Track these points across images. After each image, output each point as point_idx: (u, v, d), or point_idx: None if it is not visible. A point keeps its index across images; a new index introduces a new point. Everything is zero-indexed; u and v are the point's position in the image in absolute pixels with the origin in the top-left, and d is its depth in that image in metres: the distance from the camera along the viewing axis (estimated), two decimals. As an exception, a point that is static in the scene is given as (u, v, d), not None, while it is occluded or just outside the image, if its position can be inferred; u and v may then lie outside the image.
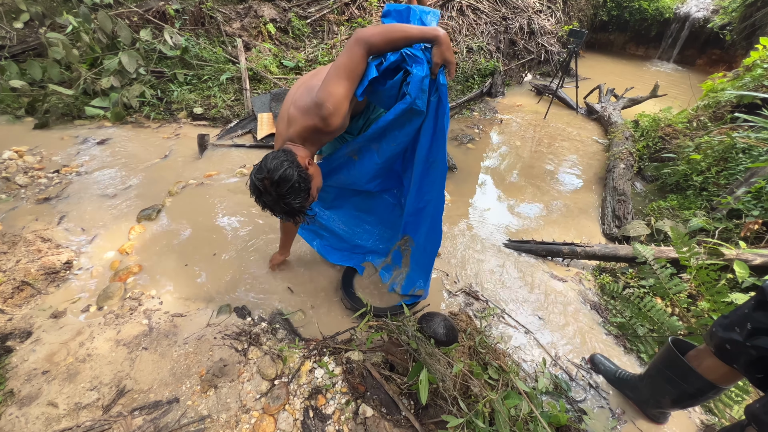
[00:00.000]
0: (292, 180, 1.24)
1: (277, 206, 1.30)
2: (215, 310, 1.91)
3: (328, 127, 1.30)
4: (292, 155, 1.30)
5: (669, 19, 7.46)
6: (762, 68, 3.35)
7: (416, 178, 1.59)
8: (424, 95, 1.33)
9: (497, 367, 1.56)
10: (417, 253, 1.90)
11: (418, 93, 1.30)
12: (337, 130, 1.37)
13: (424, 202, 1.67)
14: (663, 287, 1.99)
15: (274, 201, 1.28)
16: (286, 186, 1.24)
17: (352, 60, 1.24)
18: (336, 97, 1.25)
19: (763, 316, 1.02)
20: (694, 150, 3.11)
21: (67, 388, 1.51)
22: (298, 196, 1.28)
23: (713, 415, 1.62)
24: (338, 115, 1.27)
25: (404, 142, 1.51)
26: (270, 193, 1.26)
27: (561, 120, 4.79)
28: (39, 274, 1.99)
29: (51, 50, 3.62)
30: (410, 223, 1.80)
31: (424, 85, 1.30)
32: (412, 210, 1.73)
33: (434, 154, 1.51)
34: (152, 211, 2.52)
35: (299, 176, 1.26)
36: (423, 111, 1.36)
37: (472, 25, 5.85)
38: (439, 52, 1.25)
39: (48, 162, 3.03)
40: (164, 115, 3.91)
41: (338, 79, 1.25)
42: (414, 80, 1.28)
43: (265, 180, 1.25)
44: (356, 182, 1.75)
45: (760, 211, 2.35)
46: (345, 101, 1.27)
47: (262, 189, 1.26)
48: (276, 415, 1.48)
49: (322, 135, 1.37)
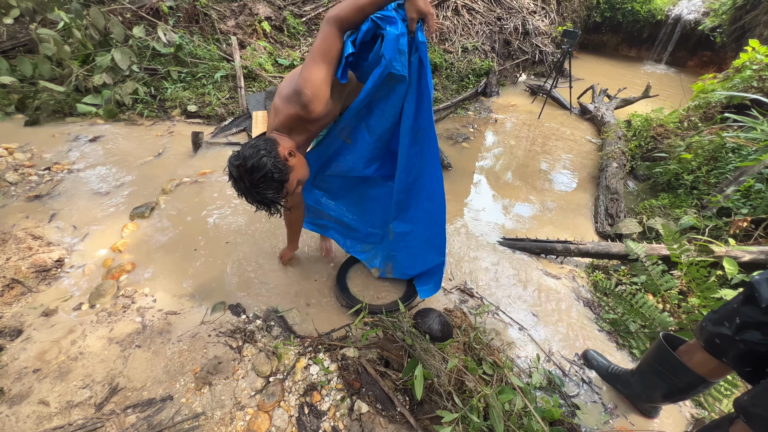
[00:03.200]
0: (265, 169, 1.21)
1: (249, 194, 1.27)
2: (209, 308, 1.90)
3: (310, 115, 1.26)
4: (272, 144, 1.27)
5: (661, 21, 7.56)
6: (751, 70, 3.40)
7: (403, 150, 1.48)
8: (403, 57, 1.22)
9: (492, 362, 1.57)
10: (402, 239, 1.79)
11: (393, 54, 1.20)
12: (323, 117, 1.32)
13: (413, 175, 1.56)
14: (654, 284, 2.02)
15: (246, 189, 1.26)
16: (258, 175, 1.21)
17: (325, 41, 1.19)
18: (313, 82, 1.20)
19: (751, 311, 1.04)
20: (685, 149, 3.16)
21: (58, 387, 1.50)
22: (270, 187, 1.25)
23: (703, 409, 1.64)
24: (318, 101, 1.23)
25: (392, 115, 1.42)
26: (243, 180, 1.23)
27: (555, 120, 4.83)
28: (30, 272, 1.96)
29: (42, 46, 3.57)
30: (402, 201, 1.68)
31: (400, 45, 1.20)
32: (402, 186, 1.61)
33: (420, 121, 1.40)
34: (146, 209, 2.50)
35: (274, 166, 1.22)
36: (404, 76, 1.26)
37: (467, 25, 5.88)
38: (411, 5, 1.16)
39: (39, 159, 2.99)
40: (158, 113, 3.88)
41: (314, 63, 1.20)
42: (387, 39, 1.18)
43: (239, 167, 1.22)
44: (354, 167, 1.66)
45: (748, 209, 2.39)
46: (324, 86, 1.22)
47: (236, 176, 1.24)
48: (271, 411, 1.47)
49: (306, 123, 1.33)
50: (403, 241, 1.83)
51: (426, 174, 1.55)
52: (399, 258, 1.92)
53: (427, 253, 1.83)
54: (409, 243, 1.82)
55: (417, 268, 1.93)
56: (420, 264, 1.91)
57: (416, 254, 1.86)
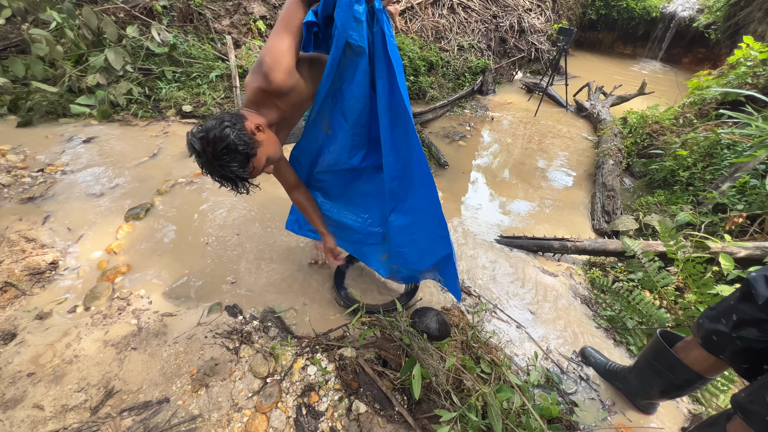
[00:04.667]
0: (228, 140, 1.15)
1: (212, 168, 1.21)
2: (206, 309, 1.88)
3: (271, 85, 1.20)
4: (238, 118, 1.22)
5: (656, 19, 7.58)
6: (745, 66, 3.42)
7: (385, 132, 1.41)
8: (360, 26, 1.18)
9: (489, 361, 1.57)
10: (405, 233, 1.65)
11: (347, 21, 1.16)
12: (289, 91, 1.28)
13: (403, 158, 1.46)
14: (651, 280, 2.02)
15: (208, 162, 1.19)
16: (220, 146, 1.15)
17: (287, 10, 1.17)
18: (274, 50, 1.17)
19: (748, 308, 1.04)
20: (681, 146, 3.17)
21: (53, 390, 1.48)
22: (234, 159, 1.19)
23: (700, 405, 1.65)
24: (279, 70, 1.18)
25: (361, 94, 1.38)
26: (206, 152, 1.17)
27: (551, 117, 4.83)
28: (23, 275, 1.94)
29: (34, 47, 3.54)
30: (395, 190, 1.56)
31: (356, 12, 1.16)
32: (393, 173, 1.50)
33: (396, 99, 1.32)
34: (141, 210, 2.48)
35: (238, 137, 1.17)
36: (362, 47, 1.21)
37: (463, 23, 5.87)
38: None
39: (32, 161, 2.96)
40: (152, 113, 3.85)
41: (276, 33, 1.18)
42: (339, 4, 1.14)
43: (202, 139, 1.16)
44: (339, 158, 1.61)
45: (744, 205, 2.41)
46: (286, 54, 1.18)
47: (198, 148, 1.17)
48: (268, 413, 1.46)
49: (272, 97, 1.29)
50: (406, 235, 1.66)
51: (414, 158, 1.45)
52: (405, 254, 1.73)
53: (434, 245, 1.68)
54: (413, 236, 1.66)
55: (426, 262, 1.74)
56: (429, 258, 1.72)
57: (423, 248, 1.69)
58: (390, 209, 1.64)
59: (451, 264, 1.73)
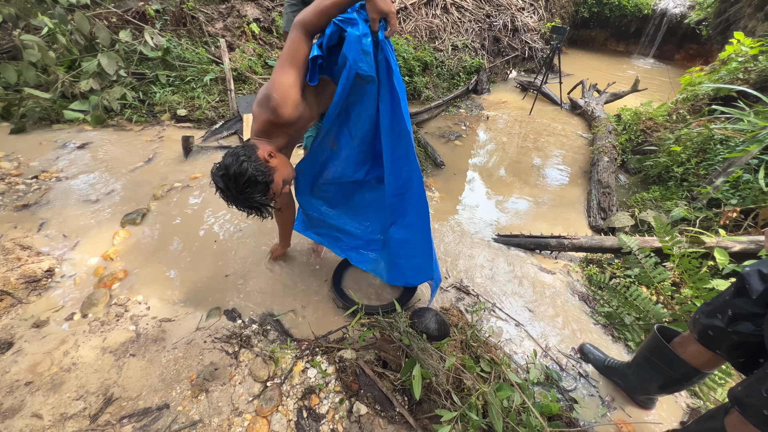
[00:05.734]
0: (248, 173, 1.24)
1: (238, 201, 1.30)
2: (204, 314, 1.88)
3: (280, 119, 1.28)
4: (251, 149, 1.29)
5: (647, 16, 7.64)
6: (737, 62, 3.45)
7: (387, 152, 1.48)
8: (368, 57, 1.25)
9: (489, 359, 1.57)
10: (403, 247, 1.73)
11: (357, 54, 1.23)
12: (297, 121, 1.34)
13: (403, 179, 1.53)
14: (648, 276, 2.04)
15: (234, 196, 1.29)
16: (242, 180, 1.24)
17: (292, 45, 1.22)
18: (281, 86, 1.23)
19: (743, 302, 1.05)
20: (675, 142, 3.19)
21: (51, 399, 1.47)
22: (256, 190, 1.28)
23: (698, 399, 1.66)
24: (287, 105, 1.25)
25: (369, 116, 1.45)
26: (230, 189, 1.27)
27: (546, 115, 4.86)
28: (19, 283, 1.92)
29: (26, 53, 3.51)
30: (395, 205, 1.63)
31: (364, 46, 1.23)
32: (393, 190, 1.58)
33: (398, 122, 1.40)
34: (137, 216, 2.47)
35: (256, 169, 1.25)
36: (372, 76, 1.29)
37: (457, 23, 5.89)
38: (371, 5, 1.19)
39: (26, 168, 2.94)
40: (147, 118, 3.83)
41: (282, 67, 1.24)
42: (348, 40, 1.21)
43: (223, 176, 1.26)
44: (345, 173, 1.69)
45: (737, 199, 2.43)
46: (293, 89, 1.24)
47: (221, 186, 1.27)
48: (269, 416, 1.46)
49: (281, 127, 1.35)
50: (404, 249, 1.75)
51: (414, 178, 1.53)
52: (402, 266, 1.82)
53: (426, 265, 1.77)
54: (410, 252, 1.74)
55: (419, 278, 1.86)
56: (422, 275, 1.83)
57: (417, 264, 1.78)
58: (390, 222, 1.72)
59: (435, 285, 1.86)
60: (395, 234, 1.72)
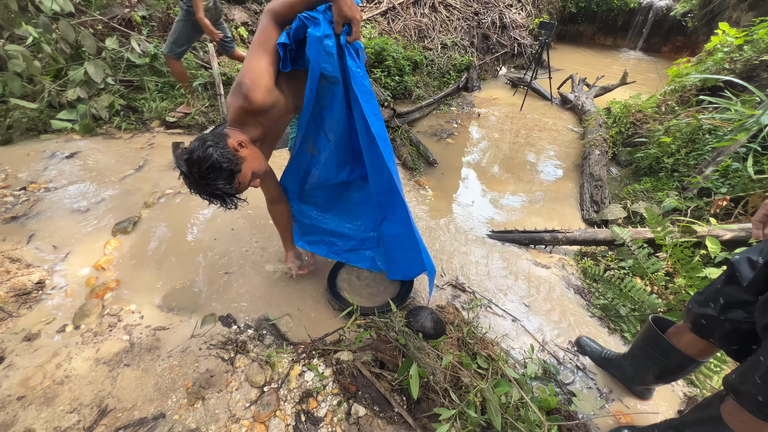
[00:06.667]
0: (212, 159, 1.19)
1: (200, 188, 1.25)
2: (199, 321, 1.86)
3: (252, 105, 1.24)
4: (221, 136, 1.25)
5: (634, 9, 7.71)
6: (722, 52, 3.49)
7: (365, 152, 1.49)
8: (331, 58, 1.26)
9: (486, 356, 1.57)
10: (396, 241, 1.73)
11: (319, 55, 1.24)
12: (270, 109, 1.31)
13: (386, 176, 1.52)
14: (641, 267, 2.05)
15: (196, 182, 1.23)
16: (205, 165, 1.19)
17: (263, 32, 1.22)
18: (252, 71, 1.21)
19: (734, 290, 1.05)
20: (664, 133, 3.22)
21: (44, 413, 1.45)
22: (220, 177, 1.22)
23: (695, 387, 1.68)
24: (259, 90, 1.22)
25: (340, 119, 1.46)
26: (192, 173, 1.21)
27: (537, 111, 4.88)
28: (9, 297, 1.89)
29: (11, 63, 3.46)
30: (383, 202, 1.65)
31: (326, 47, 1.23)
32: (378, 188, 1.60)
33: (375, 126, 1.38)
34: (128, 224, 2.44)
35: (221, 156, 1.20)
36: (337, 77, 1.29)
37: (445, 21, 5.90)
38: (337, 9, 1.19)
39: (14, 179, 2.90)
40: (136, 125, 3.79)
41: (253, 53, 1.23)
42: (309, 41, 1.22)
43: (187, 160, 1.20)
44: (329, 176, 1.69)
45: (727, 188, 2.45)
46: (264, 74, 1.23)
47: (184, 170, 1.21)
48: (267, 422, 1.45)
49: (254, 116, 1.32)
50: (397, 243, 1.76)
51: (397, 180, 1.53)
52: (398, 260, 1.84)
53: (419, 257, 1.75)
54: (403, 245, 1.75)
55: (415, 270, 1.87)
56: (417, 267, 1.83)
57: (411, 257, 1.78)
58: (381, 218, 1.73)
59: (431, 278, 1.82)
60: (387, 229, 1.73)
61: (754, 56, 3.22)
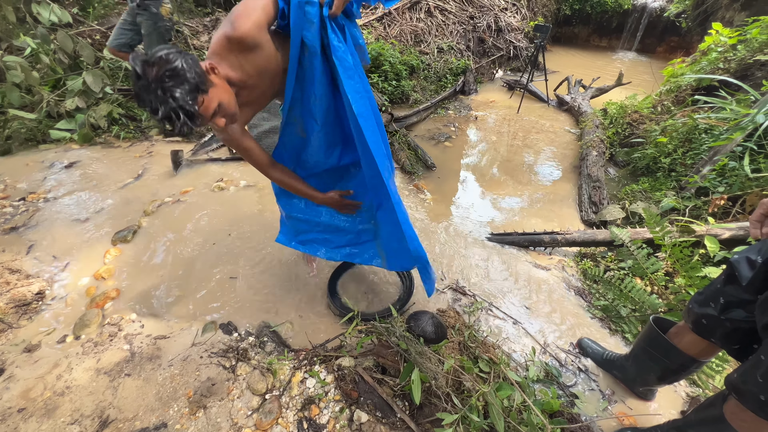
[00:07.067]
0: (175, 63, 1.01)
1: (150, 92, 1.01)
2: (200, 329, 1.86)
3: (236, 31, 1.13)
4: (192, 56, 1.10)
5: (628, 10, 7.76)
6: (716, 52, 3.52)
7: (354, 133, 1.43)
8: (313, 27, 1.22)
9: (488, 359, 1.57)
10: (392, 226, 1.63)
11: (300, 20, 1.20)
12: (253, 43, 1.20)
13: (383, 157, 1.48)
14: (641, 267, 2.05)
15: (146, 86, 1.01)
16: (165, 67, 1.00)
17: None
18: (247, 3, 1.15)
19: (734, 290, 1.06)
20: (661, 133, 3.23)
21: (45, 425, 1.44)
22: (179, 85, 1.01)
23: (697, 387, 1.67)
24: (247, 19, 1.14)
25: (323, 94, 1.40)
26: (146, 75, 1.00)
27: (534, 113, 4.90)
28: (8, 308, 1.89)
29: (9, 74, 3.48)
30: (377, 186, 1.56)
31: (308, 14, 1.19)
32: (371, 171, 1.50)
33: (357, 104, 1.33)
34: (128, 233, 2.45)
35: (185, 63, 1.03)
36: (314, 46, 1.25)
37: (441, 25, 5.94)
38: None
39: (13, 190, 2.90)
40: (135, 134, 3.81)
41: None
42: (291, 5, 1.18)
43: (144, 62, 1.01)
44: (319, 161, 1.62)
45: (725, 187, 2.46)
46: (259, 9, 1.16)
47: (138, 71, 1.00)
48: (269, 430, 1.44)
49: (236, 50, 1.20)
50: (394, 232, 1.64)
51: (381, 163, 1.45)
52: (396, 249, 1.72)
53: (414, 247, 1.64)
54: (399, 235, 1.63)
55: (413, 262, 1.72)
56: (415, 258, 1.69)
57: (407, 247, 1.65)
58: (377, 206, 1.65)
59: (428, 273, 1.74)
60: (382, 217, 1.65)
61: (748, 55, 3.24)
